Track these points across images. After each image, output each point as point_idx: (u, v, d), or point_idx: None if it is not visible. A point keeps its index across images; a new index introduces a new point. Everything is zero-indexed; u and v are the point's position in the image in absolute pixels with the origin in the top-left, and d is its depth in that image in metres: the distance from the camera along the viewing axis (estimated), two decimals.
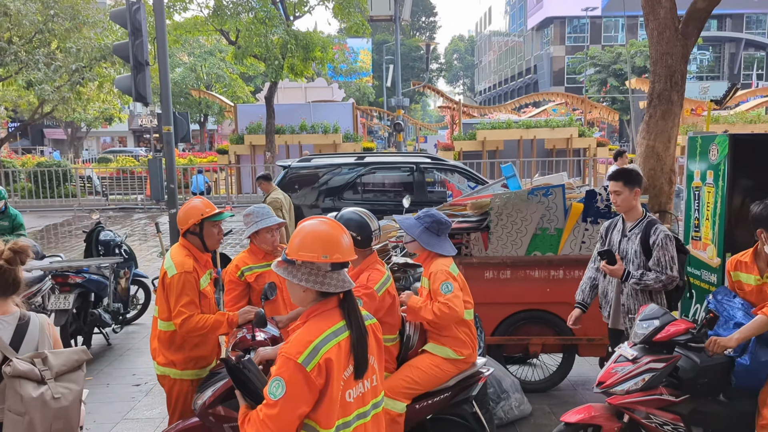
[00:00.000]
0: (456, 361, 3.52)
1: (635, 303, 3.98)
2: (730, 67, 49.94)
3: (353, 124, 23.37)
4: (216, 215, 3.67)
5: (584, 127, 21.20)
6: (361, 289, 3.30)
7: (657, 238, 3.92)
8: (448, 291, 3.45)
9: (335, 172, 9.39)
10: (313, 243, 2.23)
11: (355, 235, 3.36)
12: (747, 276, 3.54)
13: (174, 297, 3.41)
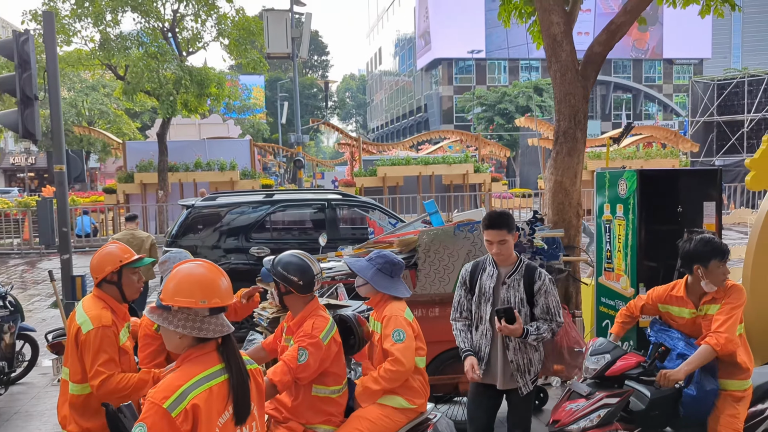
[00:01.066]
0: (407, 411, 3.37)
1: (524, 358, 3.53)
2: (602, 108, 54.13)
3: (251, 160, 22.89)
4: (136, 261, 3.36)
5: (479, 164, 22.02)
6: (305, 338, 3.09)
7: (542, 283, 3.55)
8: (399, 339, 3.32)
9: (242, 211, 9.03)
10: (191, 287, 2.16)
11: (296, 279, 3.16)
12: (680, 309, 3.64)
13: (91, 355, 3.03)
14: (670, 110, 55.57)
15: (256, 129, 44.71)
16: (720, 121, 28.62)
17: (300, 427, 3.16)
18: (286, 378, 3.04)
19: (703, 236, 3.56)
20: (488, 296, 3.59)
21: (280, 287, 3.24)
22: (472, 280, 3.71)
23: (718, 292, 3.49)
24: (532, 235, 5.30)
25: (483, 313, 3.63)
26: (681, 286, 3.69)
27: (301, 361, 3.04)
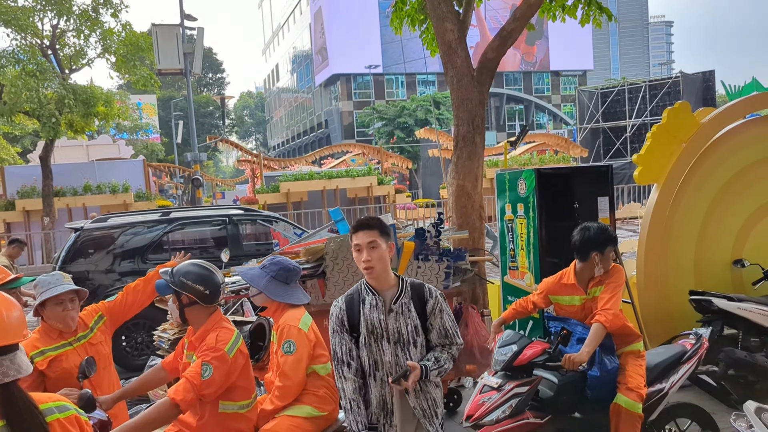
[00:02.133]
0: (317, 419, 3.22)
1: (427, 400, 2.86)
2: (497, 119, 56.28)
3: (145, 182, 21.87)
4: (12, 281, 3.07)
5: (382, 176, 22.17)
6: (209, 352, 2.88)
7: (435, 301, 2.88)
8: (288, 351, 3.19)
9: (136, 232, 8.55)
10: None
11: (202, 289, 2.96)
12: (571, 297, 3.76)
13: None
14: (560, 119, 58.69)
15: (150, 150, 42.91)
16: (605, 127, 30.50)
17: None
18: (190, 396, 2.81)
19: (600, 224, 3.70)
20: (380, 331, 2.82)
21: (182, 299, 3.01)
22: (351, 318, 2.86)
23: (603, 274, 3.67)
24: (438, 236, 5.29)
25: (379, 356, 2.80)
26: (570, 273, 3.81)
27: (205, 376, 2.83)
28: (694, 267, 5.99)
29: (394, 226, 5.27)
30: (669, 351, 3.86)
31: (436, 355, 2.84)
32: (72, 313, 3.39)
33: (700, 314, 5.43)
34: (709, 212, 5.97)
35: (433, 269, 5.30)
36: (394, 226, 5.27)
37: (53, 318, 3.32)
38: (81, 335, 3.53)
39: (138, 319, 7.96)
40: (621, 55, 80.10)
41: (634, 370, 3.55)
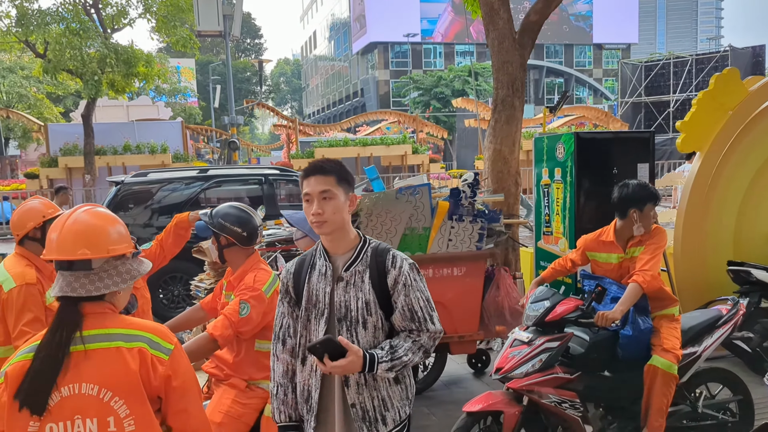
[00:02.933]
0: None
1: (372, 399, 2.21)
2: (536, 92, 55.31)
3: (183, 143, 22.18)
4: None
5: (417, 145, 22.08)
6: (247, 291, 2.96)
7: (399, 272, 2.25)
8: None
9: (174, 188, 8.71)
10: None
11: (239, 230, 3.05)
12: (608, 255, 3.72)
13: (14, 314, 2.82)
14: (600, 94, 57.39)
15: (188, 113, 43.37)
16: (647, 101, 29.74)
17: (242, 384, 3.03)
18: (228, 332, 2.89)
19: (639, 181, 3.64)
20: (321, 307, 2.25)
21: (221, 240, 3.10)
22: (297, 284, 2.33)
23: (644, 235, 3.60)
24: (473, 197, 5.28)
25: (315, 336, 2.24)
26: (610, 231, 3.77)
27: (242, 314, 2.91)
28: (734, 239, 5.87)
29: (429, 185, 5.27)
30: (704, 315, 3.81)
31: (394, 342, 2.17)
32: None
33: (738, 285, 5.34)
34: (752, 183, 5.82)
35: (467, 230, 5.29)
36: (429, 185, 5.27)
37: None
38: None
39: (175, 273, 8.19)
40: (668, 30, 77.57)
41: (669, 333, 3.52)
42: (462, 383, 5.40)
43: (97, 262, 1.86)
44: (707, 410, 3.70)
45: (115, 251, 1.88)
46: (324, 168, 2.22)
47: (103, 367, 1.77)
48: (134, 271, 1.94)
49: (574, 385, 3.38)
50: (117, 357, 1.79)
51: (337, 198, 2.19)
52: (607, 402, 3.53)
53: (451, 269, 5.28)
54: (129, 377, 1.78)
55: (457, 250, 5.28)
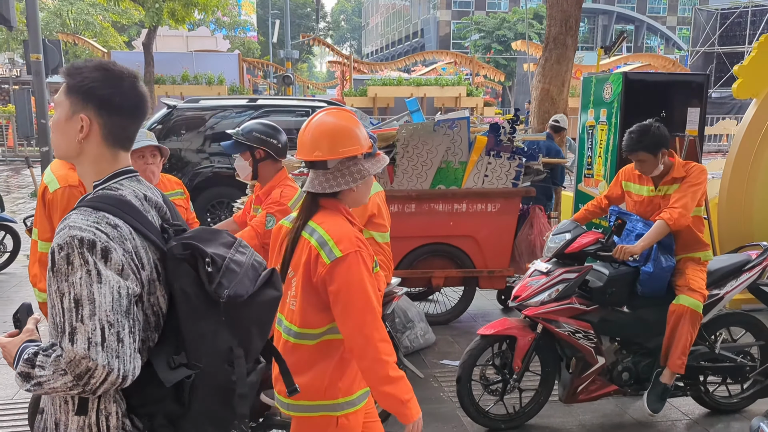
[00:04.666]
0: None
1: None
2: (603, 39, 52.97)
3: (239, 76, 22.39)
4: None
5: (472, 87, 21.64)
6: (273, 205, 3.08)
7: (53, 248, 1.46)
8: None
9: (225, 115, 8.88)
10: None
11: (275, 141, 3.16)
12: (640, 187, 3.66)
13: (58, 213, 3.00)
14: (673, 44, 54.49)
15: (246, 47, 43.51)
16: (720, 52, 28.14)
17: None
18: (254, 242, 3.03)
19: (643, 126, 3.53)
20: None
21: (256, 153, 3.17)
22: None
23: (678, 171, 3.49)
24: (513, 133, 5.24)
25: None
26: None
27: (268, 226, 3.04)
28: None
29: (468, 118, 5.25)
30: (732, 258, 3.75)
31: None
32: (152, 167, 3.66)
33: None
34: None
35: (504, 166, 5.28)
36: (468, 118, 5.25)
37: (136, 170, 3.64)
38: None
39: (221, 198, 8.47)
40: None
41: (694, 274, 3.48)
42: (489, 317, 5.49)
43: (331, 163, 2.01)
44: (725, 352, 3.70)
45: (346, 153, 2.01)
46: (68, 70, 1.55)
47: (298, 250, 2.04)
48: (365, 171, 2.04)
49: (589, 317, 3.42)
50: (303, 245, 2.03)
51: (59, 111, 1.52)
52: (622, 336, 3.56)
53: (485, 205, 5.31)
54: (303, 265, 2.01)
55: (493, 186, 5.29)
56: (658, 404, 3.53)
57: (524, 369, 3.51)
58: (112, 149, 1.55)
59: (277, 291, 1.58)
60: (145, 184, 1.62)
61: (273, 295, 1.57)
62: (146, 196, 1.56)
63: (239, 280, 1.48)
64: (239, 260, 1.53)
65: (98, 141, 1.52)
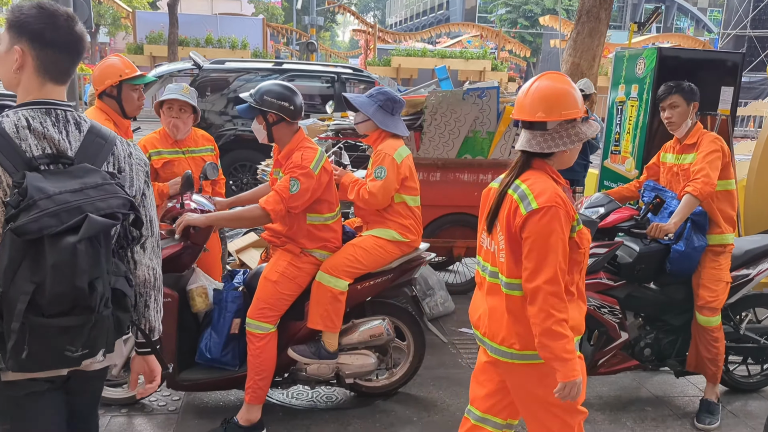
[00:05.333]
0: (400, 244, 3.40)
1: None
2: (632, 18, 51.87)
3: (263, 41, 22.30)
4: (137, 78, 3.35)
5: (497, 61, 21.41)
6: (296, 169, 3.05)
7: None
8: (379, 176, 3.31)
9: (249, 78, 8.86)
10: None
11: (287, 104, 3.06)
12: (669, 155, 3.63)
13: None
14: (703, 26, 53.23)
15: (271, 13, 43.19)
16: (752, 35, 27.51)
17: (297, 249, 3.22)
18: (279, 207, 3.04)
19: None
20: None
21: (269, 117, 3.10)
22: None
23: (693, 136, 3.44)
24: None
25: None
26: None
27: (293, 191, 3.04)
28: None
29: (498, 88, 5.20)
30: (765, 239, 3.71)
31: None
32: (176, 121, 3.69)
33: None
34: None
35: None
36: (498, 88, 5.20)
37: (163, 120, 3.67)
38: (191, 149, 3.87)
39: (244, 161, 8.50)
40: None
41: (709, 276, 3.39)
42: None
43: (551, 124, 2.10)
44: (749, 333, 3.68)
45: (567, 115, 2.10)
46: (10, 9, 1.70)
47: (503, 206, 2.16)
48: (582, 134, 2.12)
49: (616, 292, 3.40)
50: (507, 201, 2.15)
51: (0, 45, 1.70)
52: (647, 312, 3.55)
53: None
54: (505, 218, 2.14)
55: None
56: (712, 417, 3.50)
57: None
58: (42, 80, 1.67)
59: (76, 238, 1.49)
60: (56, 118, 1.67)
61: (69, 242, 1.49)
62: (30, 126, 1.61)
63: (36, 218, 1.47)
64: (64, 200, 1.52)
65: (31, 72, 1.66)
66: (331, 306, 3.19)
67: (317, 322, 3.22)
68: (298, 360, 3.28)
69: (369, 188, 3.32)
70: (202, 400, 3.58)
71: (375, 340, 3.38)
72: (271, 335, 3.15)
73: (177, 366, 3.16)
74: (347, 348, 3.38)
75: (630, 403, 3.74)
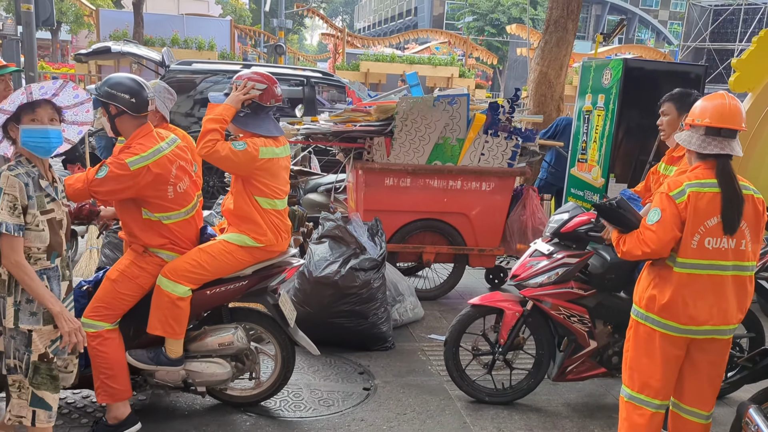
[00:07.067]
0: (252, 249, 3.23)
1: None
2: (596, 29, 52.93)
3: (231, 43, 22.03)
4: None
5: (465, 68, 21.54)
6: (113, 158, 2.97)
7: None
8: (238, 147, 3.12)
9: (217, 80, 8.74)
10: (703, 110, 2.67)
11: (128, 97, 2.96)
12: (662, 165, 3.62)
13: None
14: (663, 38, 54.65)
15: (238, 14, 42.80)
16: (711, 48, 28.29)
17: (140, 248, 3.12)
18: (78, 185, 2.94)
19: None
20: None
21: (110, 109, 3.03)
22: None
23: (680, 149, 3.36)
24: (512, 113, 5.23)
25: None
26: None
27: (98, 175, 2.93)
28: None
29: (468, 95, 5.23)
30: None
31: None
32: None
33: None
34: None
35: (501, 146, 5.28)
36: (468, 95, 5.23)
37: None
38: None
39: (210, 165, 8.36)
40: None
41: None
42: (476, 295, 5.51)
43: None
44: None
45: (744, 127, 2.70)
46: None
47: (747, 204, 2.63)
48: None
49: (586, 301, 3.44)
50: (748, 199, 2.64)
51: None
52: (616, 321, 3.57)
53: (479, 183, 5.32)
54: (752, 212, 2.64)
55: (489, 165, 5.29)
56: None
57: (509, 343, 3.54)
58: None
59: None
60: None
61: None
62: None
63: None
64: None
65: None
66: (170, 311, 3.07)
67: (156, 327, 3.10)
68: (133, 365, 3.15)
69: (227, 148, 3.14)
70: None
71: (225, 348, 3.23)
72: (106, 334, 3.02)
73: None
74: (199, 355, 3.25)
75: (597, 410, 3.78)
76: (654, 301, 2.70)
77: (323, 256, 4.34)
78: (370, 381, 3.93)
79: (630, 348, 2.84)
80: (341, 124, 5.17)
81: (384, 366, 4.15)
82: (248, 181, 3.22)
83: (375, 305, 4.28)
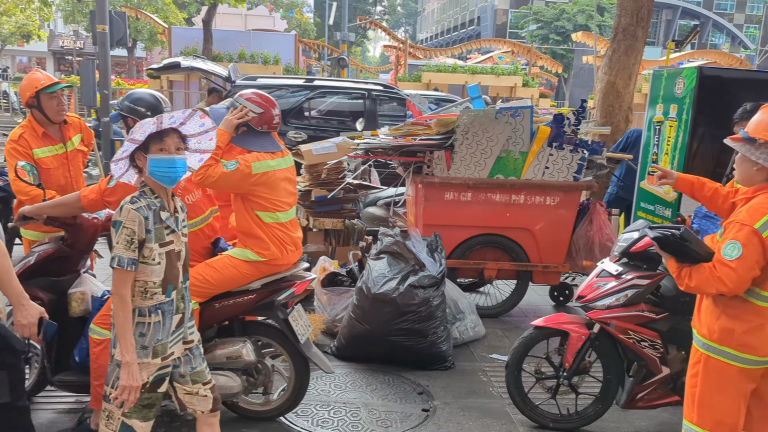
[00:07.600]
0: (257, 264, 3.23)
1: None
2: (666, 35, 51.25)
3: (295, 57, 22.46)
4: (50, 87, 3.79)
5: (528, 77, 21.20)
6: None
7: None
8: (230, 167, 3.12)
9: (281, 94, 8.87)
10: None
11: (143, 111, 3.20)
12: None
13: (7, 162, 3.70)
14: (739, 42, 52.34)
15: (303, 28, 43.67)
16: None
17: None
18: (93, 196, 3.11)
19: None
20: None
21: (129, 122, 3.24)
22: None
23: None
24: (578, 125, 5.06)
25: None
26: None
27: (110, 184, 3.09)
28: None
29: (532, 107, 5.10)
30: None
31: None
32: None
33: None
34: None
35: (566, 159, 5.11)
36: (532, 107, 5.09)
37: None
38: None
39: None
40: None
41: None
42: (540, 313, 5.33)
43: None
44: None
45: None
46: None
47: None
48: None
49: (658, 325, 3.25)
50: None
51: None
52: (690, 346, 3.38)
53: (544, 198, 5.16)
54: None
55: (553, 179, 5.13)
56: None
57: (575, 367, 3.38)
58: None
59: None
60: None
61: None
62: None
63: None
64: None
65: None
66: None
67: None
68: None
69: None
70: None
71: (234, 361, 3.22)
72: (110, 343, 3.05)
73: (53, 367, 3.21)
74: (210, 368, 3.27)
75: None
76: (731, 335, 2.49)
77: (381, 272, 4.29)
78: (429, 402, 3.84)
79: (699, 384, 2.62)
80: (401, 138, 5.13)
81: (443, 386, 4.05)
82: (247, 197, 3.25)
83: (434, 323, 4.19)
